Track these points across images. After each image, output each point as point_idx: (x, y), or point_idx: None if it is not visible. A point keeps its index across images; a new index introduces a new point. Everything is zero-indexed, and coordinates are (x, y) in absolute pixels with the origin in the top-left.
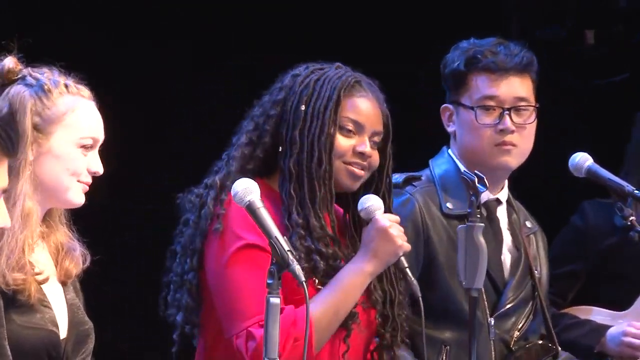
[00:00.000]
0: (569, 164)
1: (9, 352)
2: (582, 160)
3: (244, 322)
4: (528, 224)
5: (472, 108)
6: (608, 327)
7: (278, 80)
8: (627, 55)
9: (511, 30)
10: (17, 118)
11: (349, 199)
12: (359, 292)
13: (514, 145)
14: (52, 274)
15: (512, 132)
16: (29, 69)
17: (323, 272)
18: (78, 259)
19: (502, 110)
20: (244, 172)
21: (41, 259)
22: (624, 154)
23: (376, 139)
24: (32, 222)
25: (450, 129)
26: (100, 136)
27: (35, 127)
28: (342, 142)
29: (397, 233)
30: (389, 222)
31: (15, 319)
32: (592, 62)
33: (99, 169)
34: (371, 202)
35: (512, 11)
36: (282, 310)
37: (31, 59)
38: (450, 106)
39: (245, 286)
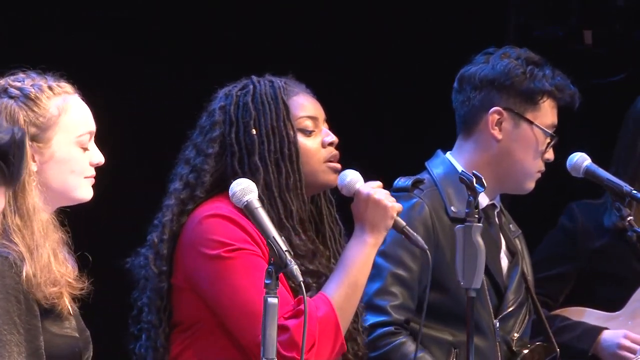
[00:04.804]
0: (567, 163)
1: None
2: (580, 160)
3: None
4: (512, 227)
5: (543, 131)
6: (601, 328)
7: (204, 120)
8: (626, 55)
9: (509, 30)
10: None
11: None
12: (369, 266)
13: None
14: None
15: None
16: (7, 78)
17: (315, 290)
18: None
19: (553, 141)
20: (182, 216)
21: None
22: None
23: (326, 125)
24: (51, 232)
25: (496, 134)
26: (94, 127)
27: (33, 138)
28: (309, 143)
29: (383, 196)
30: (372, 189)
31: (48, 327)
32: (591, 62)
33: (101, 160)
34: (350, 177)
35: (510, 11)
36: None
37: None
38: (506, 113)
39: (250, 287)
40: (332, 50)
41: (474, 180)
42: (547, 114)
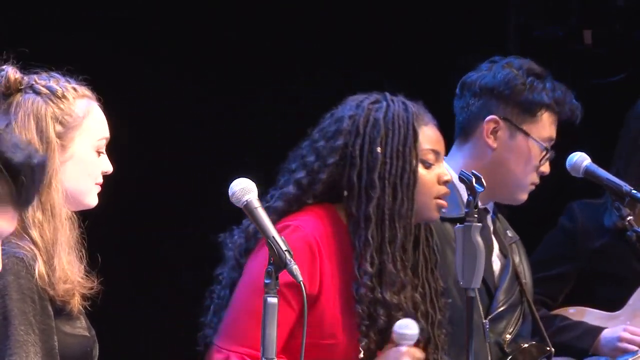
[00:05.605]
0: (567, 163)
1: None
2: (580, 160)
3: (234, 345)
4: (509, 233)
5: (539, 144)
6: (601, 328)
7: (329, 124)
8: (626, 55)
9: (509, 30)
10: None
11: None
12: None
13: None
14: None
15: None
16: (31, 76)
17: (380, 327)
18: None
19: (548, 155)
20: (282, 215)
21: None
22: (614, 154)
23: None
24: (69, 229)
25: (491, 143)
26: (109, 135)
27: (58, 135)
28: (427, 175)
29: None
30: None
31: (61, 327)
32: (591, 62)
33: (110, 169)
34: (410, 331)
35: (510, 11)
36: None
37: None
38: (502, 123)
39: (257, 315)
40: (332, 50)
41: (474, 180)
42: (545, 127)
